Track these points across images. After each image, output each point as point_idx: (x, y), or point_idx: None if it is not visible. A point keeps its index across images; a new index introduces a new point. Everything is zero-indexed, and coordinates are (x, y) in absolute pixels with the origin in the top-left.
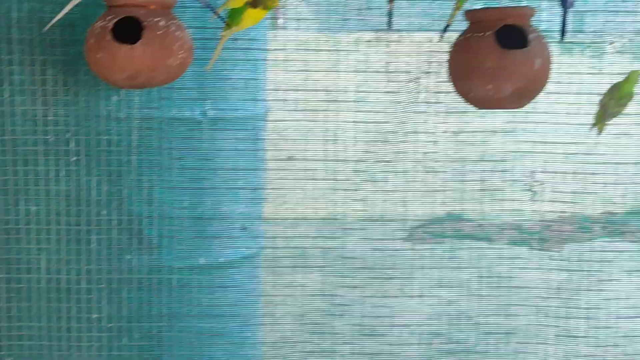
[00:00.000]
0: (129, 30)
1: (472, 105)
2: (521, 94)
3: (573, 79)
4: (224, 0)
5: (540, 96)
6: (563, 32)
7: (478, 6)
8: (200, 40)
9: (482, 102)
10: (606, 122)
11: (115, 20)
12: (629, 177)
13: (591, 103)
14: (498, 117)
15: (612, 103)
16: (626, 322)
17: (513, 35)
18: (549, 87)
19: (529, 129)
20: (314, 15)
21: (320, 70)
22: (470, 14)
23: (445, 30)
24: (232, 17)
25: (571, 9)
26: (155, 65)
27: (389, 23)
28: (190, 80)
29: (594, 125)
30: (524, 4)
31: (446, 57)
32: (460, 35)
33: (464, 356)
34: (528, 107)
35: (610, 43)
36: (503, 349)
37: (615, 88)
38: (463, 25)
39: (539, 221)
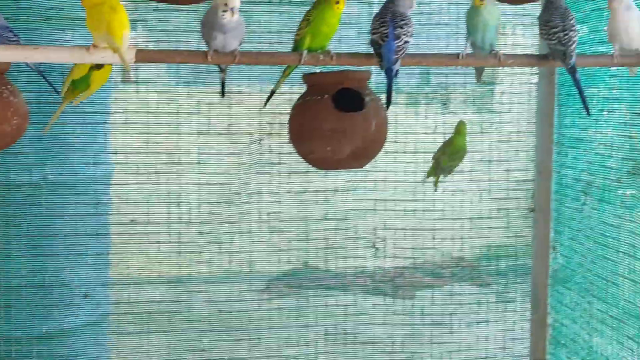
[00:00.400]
0: None
1: (313, 166)
2: (360, 155)
3: (409, 139)
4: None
5: (380, 155)
6: (389, 100)
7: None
8: (37, 105)
9: (323, 163)
10: (440, 177)
11: None
12: (466, 231)
13: (427, 160)
14: (339, 177)
15: (444, 158)
16: None
17: (350, 98)
18: (387, 146)
19: (369, 187)
20: (154, 77)
21: (162, 132)
22: (308, 78)
23: (269, 97)
24: (79, 84)
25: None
26: None
27: (222, 92)
28: (28, 145)
29: (426, 178)
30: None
31: (287, 118)
32: (299, 98)
33: None
34: (368, 167)
35: (444, 104)
36: None
37: (447, 143)
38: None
39: (382, 276)
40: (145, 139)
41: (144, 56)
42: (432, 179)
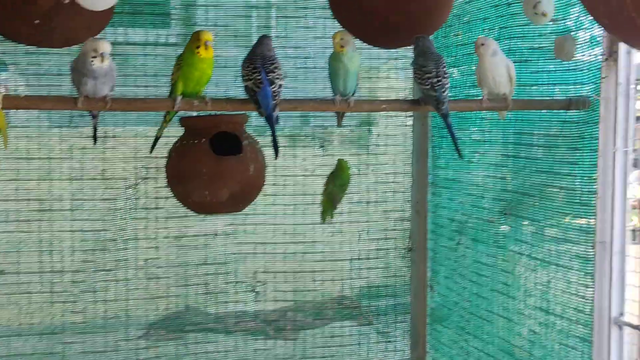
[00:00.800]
0: None
1: (191, 210)
2: (238, 198)
3: (288, 181)
4: None
5: (259, 198)
6: (276, 148)
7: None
8: None
9: (201, 207)
10: (334, 210)
11: None
12: (346, 271)
13: (306, 203)
14: (218, 221)
15: (336, 189)
16: None
17: (228, 141)
18: (266, 188)
19: (249, 230)
20: (24, 121)
21: (33, 179)
22: (185, 121)
23: (155, 144)
24: None
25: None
26: None
27: (94, 138)
28: None
29: (325, 218)
30: None
31: (164, 162)
32: (176, 142)
33: None
34: (247, 210)
35: (321, 146)
36: None
37: (336, 177)
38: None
39: (263, 319)
40: (14, 185)
41: (11, 103)
42: (328, 216)
